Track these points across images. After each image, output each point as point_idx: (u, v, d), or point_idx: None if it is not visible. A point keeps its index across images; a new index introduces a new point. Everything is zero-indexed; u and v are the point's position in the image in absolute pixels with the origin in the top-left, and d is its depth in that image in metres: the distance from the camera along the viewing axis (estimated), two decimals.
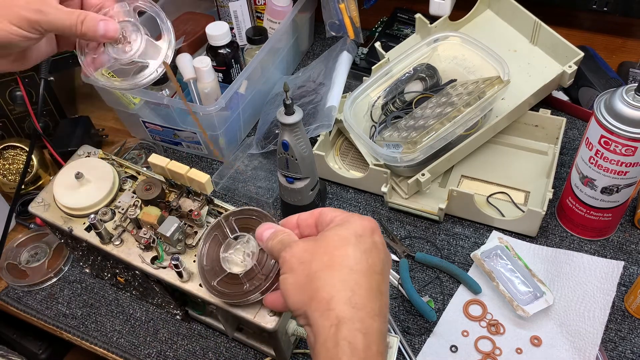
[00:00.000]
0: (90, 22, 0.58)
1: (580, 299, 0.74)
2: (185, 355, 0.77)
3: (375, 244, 0.50)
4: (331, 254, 0.48)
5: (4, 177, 0.96)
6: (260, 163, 0.99)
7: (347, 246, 0.48)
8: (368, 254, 0.48)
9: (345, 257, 0.47)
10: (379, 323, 0.45)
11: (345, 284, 0.46)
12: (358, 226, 0.50)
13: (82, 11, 0.59)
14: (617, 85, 0.92)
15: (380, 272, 0.48)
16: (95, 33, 0.59)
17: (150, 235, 0.68)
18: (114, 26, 0.60)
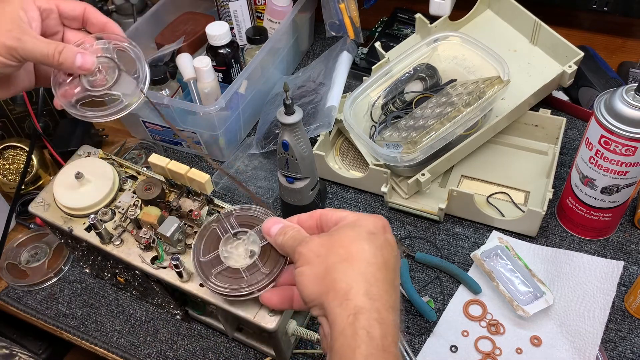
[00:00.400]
0: (68, 52, 0.60)
1: (580, 299, 0.74)
2: (185, 355, 0.77)
3: (388, 241, 0.51)
4: (347, 248, 0.50)
5: (4, 177, 0.96)
6: (260, 163, 0.99)
7: (362, 241, 0.50)
8: (382, 249, 0.50)
9: (362, 251, 0.49)
10: (394, 315, 0.47)
11: (362, 276, 0.48)
12: (370, 224, 0.52)
13: (61, 43, 0.60)
14: (617, 85, 0.91)
15: (393, 268, 0.50)
16: (72, 64, 0.60)
17: (150, 235, 0.68)
18: (91, 59, 0.62)
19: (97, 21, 0.65)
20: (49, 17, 0.63)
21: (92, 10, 0.65)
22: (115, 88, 0.64)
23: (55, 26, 0.64)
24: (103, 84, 0.63)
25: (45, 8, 0.62)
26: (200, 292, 0.66)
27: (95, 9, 0.66)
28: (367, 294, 0.47)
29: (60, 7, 0.63)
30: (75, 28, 0.66)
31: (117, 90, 0.64)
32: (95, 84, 0.63)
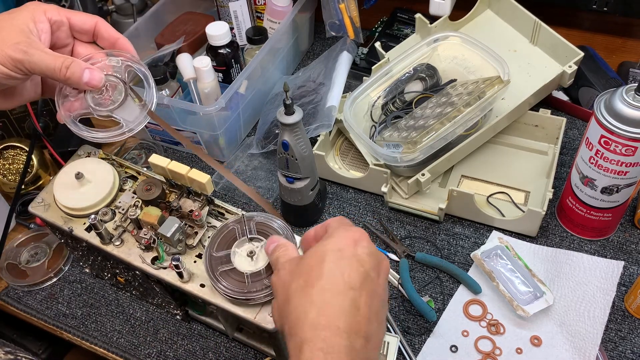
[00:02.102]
0: (76, 67, 0.58)
1: (580, 299, 0.74)
2: (185, 355, 0.77)
3: (357, 257, 0.48)
4: (307, 275, 0.48)
5: (4, 177, 0.96)
6: (260, 163, 0.99)
7: (323, 264, 0.48)
8: (344, 269, 0.47)
9: (319, 277, 0.47)
10: (346, 340, 0.44)
11: (312, 305, 0.46)
12: (340, 239, 0.50)
13: (69, 57, 0.59)
14: (617, 85, 0.92)
15: (358, 287, 0.47)
16: (80, 80, 0.59)
17: (150, 235, 0.68)
18: (99, 75, 0.60)
19: (109, 36, 0.64)
20: (59, 30, 0.62)
21: (103, 25, 0.64)
22: (118, 112, 0.63)
23: (66, 39, 0.63)
24: (107, 104, 0.62)
25: (56, 20, 0.61)
26: (200, 292, 0.66)
27: (107, 24, 0.65)
28: (312, 324, 0.45)
29: (72, 20, 0.62)
30: (86, 41, 0.65)
31: (119, 115, 0.63)
32: (100, 103, 0.62)
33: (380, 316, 0.48)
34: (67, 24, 0.62)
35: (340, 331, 0.44)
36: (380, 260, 0.50)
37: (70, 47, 0.64)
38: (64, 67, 0.58)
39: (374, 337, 0.47)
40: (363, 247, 0.49)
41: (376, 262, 0.50)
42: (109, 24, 0.65)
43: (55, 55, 0.58)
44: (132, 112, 0.63)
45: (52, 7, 0.61)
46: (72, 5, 0.97)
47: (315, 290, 0.46)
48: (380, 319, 0.48)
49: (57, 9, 0.61)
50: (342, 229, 0.51)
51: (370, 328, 0.46)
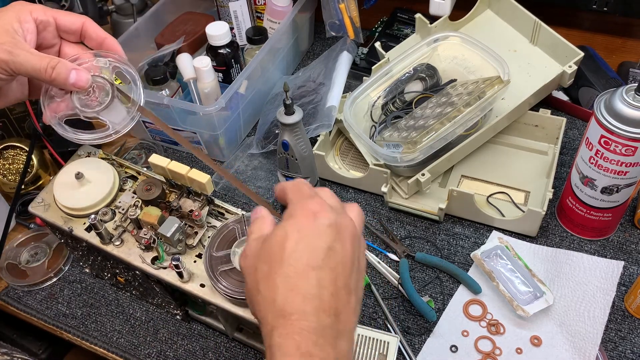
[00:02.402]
0: (62, 68, 0.58)
1: (580, 299, 0.74)
2: (185, 355, 0.77)
3: (316, 233, 0.47)
4: (270, 261, 0.48)
5: (4, 177, 0.96)
6: (260, 163, 0.99)
7: (284, 249, 0.47)
8: (303, 251, 0.47)
9: (281, 263, 0.47)
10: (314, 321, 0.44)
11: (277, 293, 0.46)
12: (298, 218, 0.48)
13: (55, 57, 0.58)
14: (617, 85, 0.92)
15: (321, 265, 0.46)
16: (66, 81, 0.58)
17: (150, 235, 0.68)
18: (85, 76, 0.59)
19: (96, 36, 0.63)
20: (45, 30, 0.61)
21: (91, 25, 0.63)
22: (105, 113, 0.62)
23: (52, 39, 0.62)
24: (94, 105, 0.61)
25: (42, 20, 0.60)
26: (200, 292, 0.66)
27: (95, 24, 0.64)
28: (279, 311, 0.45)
29: (58, 20, 0.62)
30: (73, 41, 0.64)
31: (106, 117, 0.62)
32: (86, 104, 0.61)
33: (351, 284, 0.48)
34: (54, 24, 0.62)
35: (307, 314, 0.44)
36: (342, 228, 0.48)
37: (57, 48, 0.63)
38: (50, 68, 0.57)
39: (345, 310, 0.46)
40: (322, 219, 0.48)
41: (337, 231, 0.48)
42: (96, 24, 0.64)
43: (41, 56, 0.57)
44: (119, 114, 0.63)
45: (38, 7, 0.61)
46: (72, 5, 0.97)
47: (278, 278, 0.46)
48: (352, 286, 0.48)
49: (44, 9, 0.61)
50: (300, 205, 0.49)
51: (339, 303, 0.46)
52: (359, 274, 0.49)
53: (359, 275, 0.49)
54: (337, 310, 0.46)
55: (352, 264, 0.48)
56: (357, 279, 0.49)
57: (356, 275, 0.49)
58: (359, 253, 0.50)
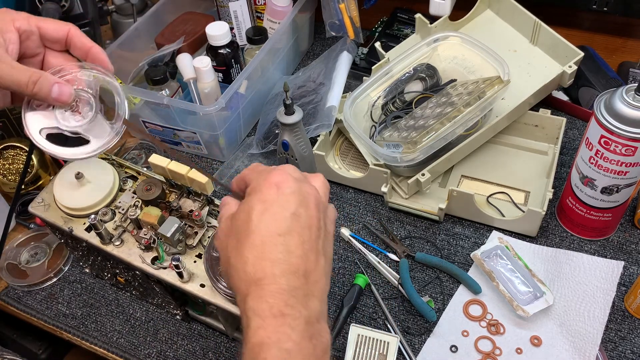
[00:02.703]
0: (44, 82, 0.57)
1: (580, 299, 0.74)
2: (185, 355, 0.77)
3: (280, 202, 0.49)
4: (238, 234, 0.49)
5: (4, 177, 0.96)
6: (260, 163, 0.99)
7: (250, 221, 0.48)
8: (269, 221, 0.48)
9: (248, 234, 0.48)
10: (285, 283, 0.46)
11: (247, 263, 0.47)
12: (263, 191, 0.50)
13: (37, 71, 0.57)
14: (617, 85, 0.92)
15: (286, 231, 0.48)
16: (48, 95, 0.57)
17: (150, 235, 0.68)
18: (68, 90, 0.58)
19: (82, 45, 0.62)
20: (29, 39, 0.60)
21: (76, 33, 0.62)
22: (87, 128, 0.60)
23: (36, 48, 0.61)
24: (76, 119, 0.60)
25: (25, 30, 0.59)
26: (200, 292, 0.66)
27: (80, 32, 0.62)
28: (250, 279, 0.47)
29: (42, 29, 0.60)
30: (57, 50, 0.63)
31: (88, 133, 0.60)
32: (69, 118, 0.60)
33: (318, 246, 0.49)
34: (37, 33, 0.60)
35: (277, 277, 0.46)
36: (305, 194, 0.50)
37: (41, 57, 0.62)
38: (32, 83, 0.56)
39: (314, 271, 0.48)
40: (285, 188, 0.49)
41: (301, 198, 0.50)
42: (82, 33, 0.62)
43: (23, 69, 0.56)
44: (102, 130, 0.61)
45: (22, 15, 0.59)
46: (72, 5, 0.97)
47: (247, 248, 0.48)
48: (320, 249, 0.49)
49: (27, 18, 0.60)
50: (261, 178, 0.51)
51: (308, 264, 0.48)
52: (326, 237, 0.51)
53: (326, 239, 0.51)
54: (307, 271, 0.47)
55: (319, 228, 0.50)
56: (325, 243, 0.51)
57: (324, 238, 0.51)
58: (325, 218, 0.52)
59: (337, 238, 0.87)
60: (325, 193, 0.54)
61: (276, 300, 0.45)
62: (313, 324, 0.46)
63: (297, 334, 0.44)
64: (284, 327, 0.44)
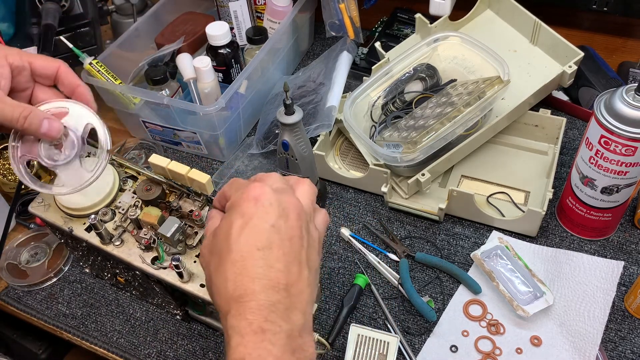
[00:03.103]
0: (34, 118, 0.59)
1: (580, 299, 0.74)
2: (185, 355, 0.77)
3: (259, 215, 0.48)
4: (219, 252, 0.49)
5: (4, 177, 0.96)
6: (260, 163, 0.99)
7: (229, 238, 0.48)
8: (249, 235, 0.48)
9: (228, 251, 0.48)
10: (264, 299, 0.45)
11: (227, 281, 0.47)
12: (241, 205, 0.49)
13: (28, 107, 0.60)
14: (617, 85, 0.92)
15: (265, 245, 0.47)
16: (38, 130, 0.60)
17: (150, 235, 0.68)
18: (58, 126, 0.61)
19: (69, 82, 0.65)
20: (20, 74, 0.62)
21: (65, 70, 0.65)
22: (62, 169, 0.62)
23: (26, 83, 0.63)
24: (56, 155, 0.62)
25: (17, 65, 0.61)
26: (200, 292, 0.66)
27: (69, 70, 0.65)
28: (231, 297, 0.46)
29: (33, 65, 0.63)
30: (47, 85, 0.65)
31: (62, 172, 0.63)
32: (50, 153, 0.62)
33: (301, 258, 0.49)
34: (29, 69, 0.63)
35: (256, 293, 0.46)
36: (285, 205, 0.50)
37: (30, 91, 0.64)
38: (22, 118, 0.59)
39: (297, 284, 0.48)
40: (263, 200, 0.49)
41: (280, 209, 0.49)
42: (70, 70, 0.65)
43: (14, 105, 0.59)
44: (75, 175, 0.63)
45: (14, 51, 0.62)
46: (72, 5, 0.97)
47: (227, 265, 0.48)
48: (303, 260, 0.49)
49: (19, 54, 0.62)
50: (239, 193, 0.51)
51: (289, 277, 0.47)
52: (310, 246, 0.51)
53: (311, 247, 0.50)
54: (288, 284, 0.47)
55: (301, 238, 0.49)
56: (309, 252, 0.50)
57: (307, 248, 0.50)
58: (309, 226, 0.51)
59: (337, 238, 0.87)
60: (310, 199, 0.53)
61: (256, 316, 0.45)
62: (295, 338, 0.45)
63: (278, 349, 0.44)
64: (265, 343, 0.44)
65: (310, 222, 0.52)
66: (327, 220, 0.56)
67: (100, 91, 0.99)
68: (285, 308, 0.46)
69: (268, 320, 0.45)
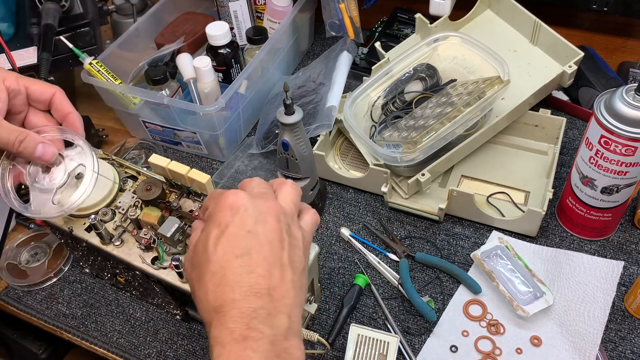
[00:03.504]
0: (30, 142, 0.61)
1: (580, 299, 0.74)
2: (185, 355, 0.77)
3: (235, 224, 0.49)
4: (199, 265, 0.50)
5: None
6: (260, 163, 0.99)
7: (207, 249, 0.49)
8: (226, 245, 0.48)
9: (207, 263, 0.48)
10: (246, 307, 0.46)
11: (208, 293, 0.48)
12: (218, 216, 0.50)
13: (23, 131, 0.61)
14: (617, 85, 0.92)
15: (244, 251, 0.48)
16: (32, 154, 0.62)
17: (150, 235, 0.68)
18: (52, 151, 0.63)
19: (62, 109, 0.66)
20: (16, 98, 0.63)
21: (60, 97, 0.66)
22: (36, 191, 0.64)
23: (21, 106, 0.65)
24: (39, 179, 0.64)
25: (14, 89, 0.62)
26: None
27: (64, 97, 0.66)
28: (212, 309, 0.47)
29: (29, 89, 0.64)
30: (41, 109, 0.66)
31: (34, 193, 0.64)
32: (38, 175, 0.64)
33: (283, 260, 0.49)
34: (25, 93, 0.64)
35: (237, 302, 0.46)
36: (261, 209, 0.50)
37: (24, 115, 0.66)
38: (18, 142, 0.61)
39: (280, 286, 0.47)
40: (239, 207, 0.49)
41: (257, 214, 0.49)
42: (65, 97, 0.67)
43: (10, 129, 0.60)
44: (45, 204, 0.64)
45: (12, 75, 0.63)
46: (72, 5, 0.97)
47: (207, 278, 0.48)
48: (285, 262, 0.49)
49: (16, 78, 0.63)
50: (215, 203, 0.51)
51: (271, 281, 0.47)
52: (294, 248, 0.50)
53: (293, 249, 0.50)
54: (270, 288, 0.47)
55: (281, 241, 0.49)
56: (292, 253, 0.50)
57: (289, 249, 0.50)
58: (291, 227, 0.51)
59: (337, 238, 0.87)
60: (292, 200, 0.53)
61: (237, 324, 0.45)
62: (279, 342, 0.45)
63: (259, 355, 0.44)
64: (247, 351, 0.44)
65: (292, 223, 0.52)
66: (315, 220, 0.56)
67: (100, 91, 0.99)
68: (268, 313, 0.46)
69: (250, 327, 0.45)
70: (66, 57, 0.98)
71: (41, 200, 0.65)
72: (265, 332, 0.45)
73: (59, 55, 0.96)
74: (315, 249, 0.68)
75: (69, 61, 0.99)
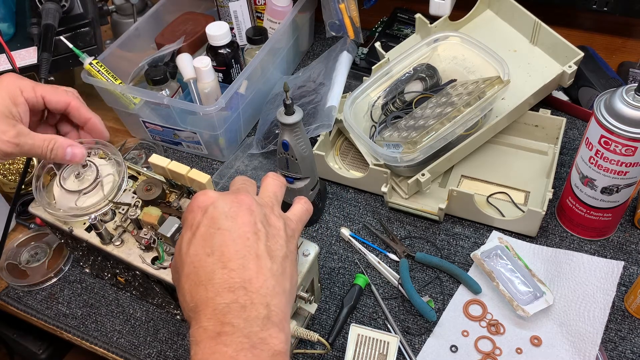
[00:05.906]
0: (59, 149, 0.64)
1: (580, 299, 0.74)
2: (185, 355, 0.77)
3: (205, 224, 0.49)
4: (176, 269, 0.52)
5: (4, 177, 0.96)
6: (260, 163, 0.99)
7: (180, 252, 0.50)
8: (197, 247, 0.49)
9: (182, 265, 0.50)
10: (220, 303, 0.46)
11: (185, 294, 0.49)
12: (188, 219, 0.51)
13: (52, 138, 0.64)
14: (617, 85, 0.92)
15: (214, 249, 0.48)
16: (63, 158, 0.65)
17: (150, 235, 0.68)
18: (81, 151, 0.66)
19: (80, 116, 0.68)
20: (33, 107, 0.65)
21: (76, 105, 0.68)
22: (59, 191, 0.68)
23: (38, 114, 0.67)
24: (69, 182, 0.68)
25: (31, 100, 0.65)
26: None
27: (81, 103, 0.68)
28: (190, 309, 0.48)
29: (46, 99, 0.66)
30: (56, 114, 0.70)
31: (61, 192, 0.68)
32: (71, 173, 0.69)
33: (258, 251, 0.49)
34: (42, 102, 0.66)
35: (210, 300, 0.46)
36: (231, 204, 0.50)
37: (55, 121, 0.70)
38: (49, 150, 0.64)
39: (257, 278, 0.47)
40: (208, 207, 0.50)
41: (226, 210, 0.50)
42: (82, 103, 0.69)
43: (40, 139, 0.64)
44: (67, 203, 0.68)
45: (28, 85, 0.65)
46: (72, 5, 0.97)
47: (183, 281, 0.49)
48: (260, 252, 0.49)
49: (33, 87, 0.65)
50: (188, 209, 0.52)
51: (245, 274, 0.47)
52: (272, 238, 0.50)
53: (273, 239, 0.50)
54: (244, 281, 0.47)
55: (256, 232, 0.49)
56: (271, 243, 0.50)
57: (266, 239, 0.50)
58: (266, 219, 0.51)
59: (337, 238, 0.87)
60: (272, 191, 0.55)
61: (211, 322, 0.45)
62: (256, 333, 0.45)
63: (232, 348, 0.44)
64: (219, 346, 0.44)
65: (270, 213, 0.52)
66: (305, 208, 0.57)
67: (100, 91, 0.99)
68: (241, 306, 0.46)
69: (224, 323, 0.45)
70: (66, 57, 0.98)
71: (65, 201, 0.68)
72: (239, 325, 0.45)
73: (59, 55, 0.96)
74: (315, 249, 0.68)
75: (69, 61, 0.99)
